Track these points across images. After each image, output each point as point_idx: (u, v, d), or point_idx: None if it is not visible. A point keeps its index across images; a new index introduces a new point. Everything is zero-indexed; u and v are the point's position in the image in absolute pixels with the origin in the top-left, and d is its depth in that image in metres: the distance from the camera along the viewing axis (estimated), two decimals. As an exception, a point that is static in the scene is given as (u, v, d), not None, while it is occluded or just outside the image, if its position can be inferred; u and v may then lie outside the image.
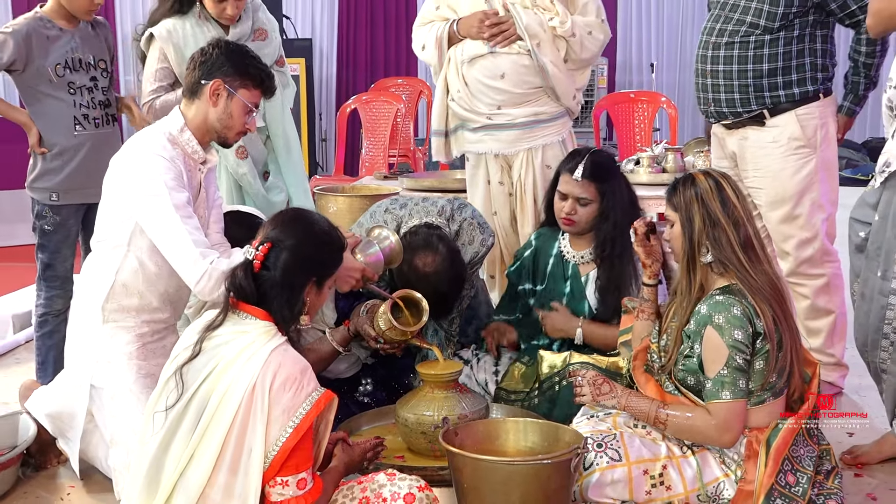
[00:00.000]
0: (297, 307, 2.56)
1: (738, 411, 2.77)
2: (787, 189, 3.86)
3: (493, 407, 3.40)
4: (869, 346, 3.28)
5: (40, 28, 3.85)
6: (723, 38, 3.89)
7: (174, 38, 3.92)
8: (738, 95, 3.88)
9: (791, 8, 3.72)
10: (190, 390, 2.43)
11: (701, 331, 2.80)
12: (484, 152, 4.23)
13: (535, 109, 4.16)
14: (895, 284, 3.13)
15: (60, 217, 3.91)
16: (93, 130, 3.95)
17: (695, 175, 2.92)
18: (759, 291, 2.78)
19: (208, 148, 3.20)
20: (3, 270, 6.73)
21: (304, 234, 2.59)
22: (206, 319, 2.56)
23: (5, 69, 3.84)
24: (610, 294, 3.55)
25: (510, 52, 4.06)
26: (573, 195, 3.54)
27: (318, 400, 2.44)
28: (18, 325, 5.05)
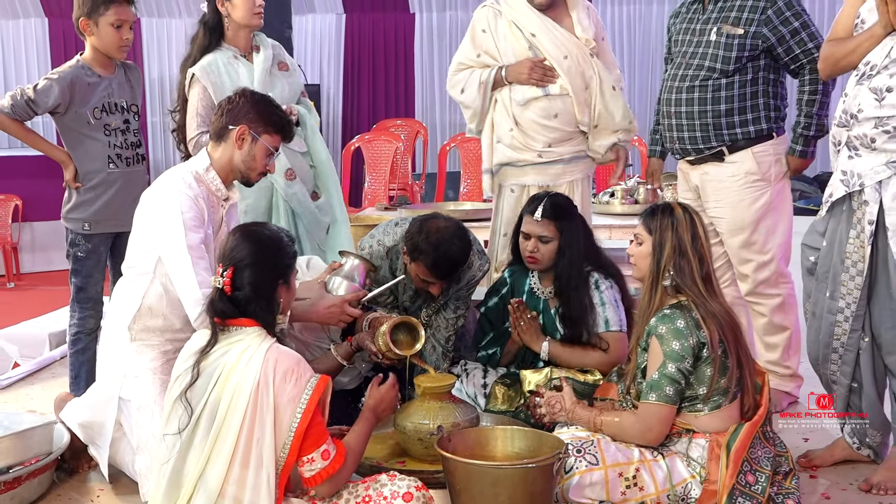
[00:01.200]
0: (275, 309, 2.62)
1: (662, 415, 2.80)
2: (744, 218, 3.88)
3: (483, 416, 3.40)
4: (820, 360, 3.28)
5: (82, 75, 3.87)
6: (685, 82, 3.91)
7: (211, 74, 3.91)
8: (699, 134, 3.90)
9: (744, 52, 3.76)
10: (200, 404, 2.47)
11: (648, 341, 2.84)
12: (530, 184, 4.15)
13: (577, 147, 4.15)
14: (842, 304, 3.14)
15: (92, 245, 3.91)
16: (124, 168, 3.96)
17: (673, 206, 2.96)
18: (710, 312, 2.82)
19: (231, 186, 3.22)
20: (40, 293, 6.73)
21: (258, 248, 2.62)
22: (198, 343, 2.59)
23: (49, 111, 3.87)
24: (570, 322, 3.56)
25: (562, 94, 4.05)
26: (535, 234, 3.55)
27: (317, 384, 2.51)
28: (54, 343, 5.04)
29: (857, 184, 3.04)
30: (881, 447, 3.31)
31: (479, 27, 4.22)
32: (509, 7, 4.13)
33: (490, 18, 4.18)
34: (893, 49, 2.96)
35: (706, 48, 3.85)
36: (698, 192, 4.05)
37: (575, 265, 3.54)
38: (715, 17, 3.85)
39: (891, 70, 2.96)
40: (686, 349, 2.76)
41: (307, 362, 2.75)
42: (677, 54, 4.00)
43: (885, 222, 2.99)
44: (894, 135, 2.95)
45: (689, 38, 3.95)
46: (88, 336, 3.90)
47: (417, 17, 9.67)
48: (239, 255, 2.60)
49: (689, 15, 4.02)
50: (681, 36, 4.01)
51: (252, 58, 4.03)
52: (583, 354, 3.52)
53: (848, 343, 3.16)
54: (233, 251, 2.62)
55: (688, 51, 3.93)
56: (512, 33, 4.12)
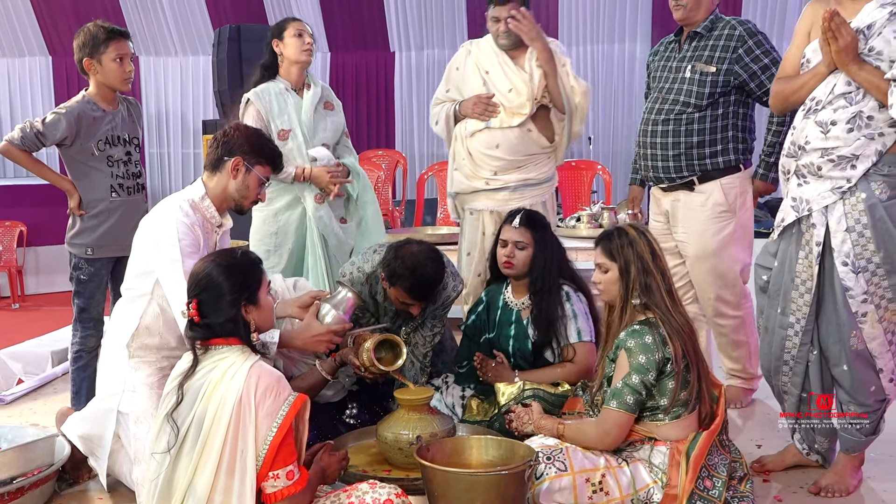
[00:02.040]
0: (245, 329, 2.59)
1: (620, 421, 2.80)
2: (709, 246, 3.91)
3: (459, 426, 3.38)
4: (772, 371, 3.29)
5: (88, 110, 3.86)
6: (661, 115, 3.95)
7: (263, 99, 4.14)
8: (672, 164, 3.94)
9: (716, 88, 3.80)
10: (187, 420, 2.45)
11: (617, 353, 2.84)
12: (482, 209, 4.24)
13: (524, 175, 4.19)
14: (792, 319, 3.15)
15: (94, 268, 3.89)
16: (126, 197, 3.94)
17: (626, 228, 2.96)
18: (675, 329, 2.83)
19: (224, 213, 3.22)
20: (43, 314, 6.68)
21: (215, 275, 2.58)
22: (183, 365, 2.59)
23: (56, 143, 3.86)
24: (542, 324, 3.55)
25: (502, 127, 4.12)
26: (512, 240, 3.58)
27: (294, 402, 2.47)
28: (56, 360, 5.00)
29: (806, 209, 3.06)
30: (829, 453, 3.32)
31: (454, 66, 4.36)
32: (478, 48, 4.27)
33: (462, 58, 4.33)
34: (836, 86, 2.99)
35: (681, 84, 3.90)
36: (668, 217, 4.08)
37: (548, 272, 3.56)
38: (690, 56, 3.91)
39: (835, 105, 2.99)
40: (651, 363, 2.77)
41: (294, 378, 2.75)
42: (655, 89, 4.05)
43: (831, 244, 3.02)
44: (839, 163, 2.98)
45: (665, 74, 4.00)
46: (89, 354, 3.87)
47: (397, 56, 9.69)
48: (200, 285, 2.58)
49: (666, 53, 4.08)
50: (659, 73, 4.06)
51: (302, 93, 4.22)
52: (552, 371, 3.52)
53: (798, 356, 3.18)
54: (193, 282, 2.61)
55: (664, 86, 3.98)
56: (473, 72, 4.24)
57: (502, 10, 4.10)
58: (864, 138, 2.94)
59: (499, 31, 4.15)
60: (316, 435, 3.22)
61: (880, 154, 2.95)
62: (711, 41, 3.87)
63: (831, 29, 2.91)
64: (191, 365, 2.54)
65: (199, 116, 9.89)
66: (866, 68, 2.92)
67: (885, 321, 3.01)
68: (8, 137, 3.86)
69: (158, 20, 9.65)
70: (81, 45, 3.86)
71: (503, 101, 4.13)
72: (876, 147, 2.94)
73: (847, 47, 2.91)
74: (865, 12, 2.96)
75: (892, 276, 2.96)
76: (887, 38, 2.90)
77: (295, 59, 4.16)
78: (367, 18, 9.59)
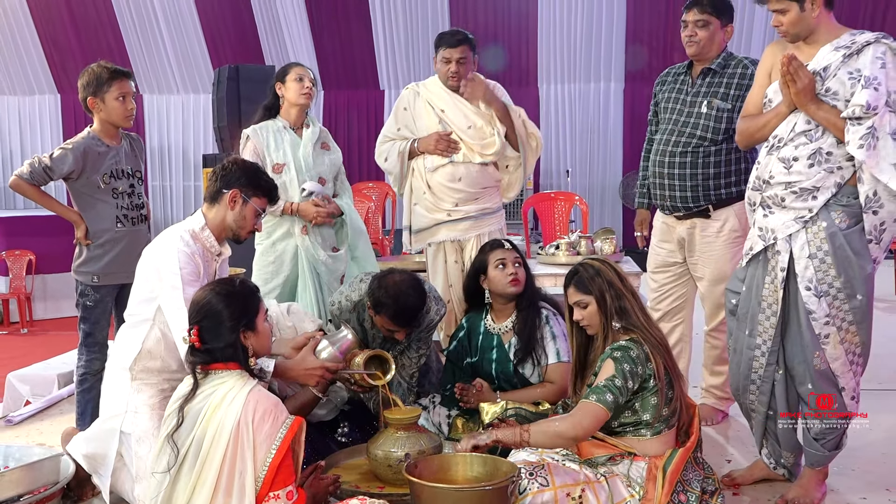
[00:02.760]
0: (243, 354, 2.58)
1: (596, 414, 2.75)
2: (726, 270, 3.87)
3: (445, 444, 3.36)
4: (741, 390, 3.29)
5: (93, 145, 3.85)
6: (678, 147, 3.93)
7: (259, 135, 4.19)
8: (689, 193, 3.92)
9: (731, 124, 3.77)
10: (187, 442, 2.43)
11: (602, 364, 2.83)
12: (443, 240, 4.28)
13: (483, 205, 4.27)
14: (759, 341, 3.16)
15: (100, 295, 3.86)
16: (130, 227, 3.93)
17: (590, 262, 2.99)
18: (655, 345, 2.83)
19: (223, 242, 3.21)
20: (50, 338, 6.62)
21: (215, 303, 2.59)
22: (183, 390, 2.57)
23: (63, 177, 3.84)
24: (525, 336, 3.55)
25: (465, 161, 4.21)
26: (510, 259, 3.59)
27: (291, 425, 2.47)
28: (62, 383, 4.94)
29: (772, 237, 3.08)
30: (794, 467, 3.32)
31: (402, 106, 4.44)
32: (426, 89, 4.37)
33: (410, 98, 4.41)
34: (797, 124, 3.02)
35: (697, 118, 3.89)
36: (681, 244, 4.06)
37: (534, 287, 3.65)
38: (704, 91, 3.90)
39: (796, 142, 3.01)
40: (634, 374, 2.76)
41: (288, 397, 2.73)
42: (668, 121, 4.01)
43: (795, 270, 3.03)
44: (801, 195, 3.00)
45: (679, 107, 3.98)
46: (94, 377, 3.83)
47: (386, 93, 9.74)
48: (200, 312, 2.58)
49: (677, 85, 4.05)
50: (671, 104, 4.03)
51: (301, 132, 4.26)
52: (533, 392, 3.51)
53: (764, 375, 3.18)
54: (192, 310, 2.60)
55: (679, 119, 3.96)
56: (426, 111, 4.32)
57: (454, 52, 4.22)
58: (824, 172, 2.97)
59: (449, 73, 4.25)
60: (310, 453, 3.19)
61: (839, 186, 2.97)
62: (726, 78, 3.87)
63: (790, 72, 2.95)
64: (191, 388, 2.52)
65: (199, 151, 9.91)
66: (824, 108, 2.95)
67: (846, 342, 3.02)
68: (18, 172, 3.84)
69: (162, 61, 9.68)
70: (86, 85, 3.86)
71: (464, 138, 4.23)
72: (835, 180, 2.97)
73: (805, 89, 2.94)
74: (821, 55, 3.00)
75: (851, 301, 2.97)
76: (842, 79, 2.93)
77: (294, 102, 4.22)
78: (359, 59, 9.65)
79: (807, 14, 2.99)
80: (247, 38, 9.48)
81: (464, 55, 4.22)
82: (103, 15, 9.28)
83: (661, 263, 4.17)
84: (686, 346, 4.18)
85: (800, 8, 2.98)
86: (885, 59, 2.91)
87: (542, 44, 9.21)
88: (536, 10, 9.10)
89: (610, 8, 9.06)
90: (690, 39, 3.90)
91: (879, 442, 3.81)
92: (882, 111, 2.86)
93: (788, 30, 3.04)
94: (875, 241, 2.96)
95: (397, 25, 9.24)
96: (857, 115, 2.86)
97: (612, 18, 9.10)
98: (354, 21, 9.29)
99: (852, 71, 2.92)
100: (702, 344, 4.20)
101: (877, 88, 2.86)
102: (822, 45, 3.01)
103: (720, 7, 3.87)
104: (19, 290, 7.22)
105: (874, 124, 2.85)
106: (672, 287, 4.14)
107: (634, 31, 9.17)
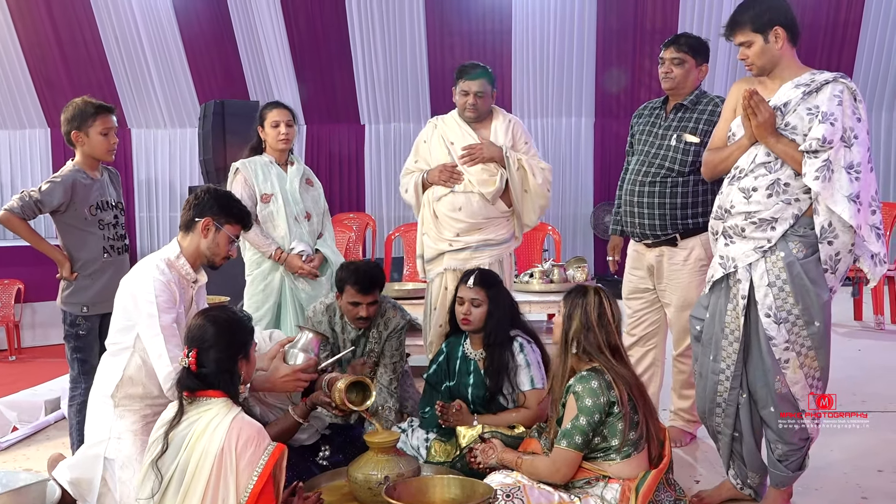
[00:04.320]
0: (237, 381, 2.60)
1: (569, 459, 2.80)
2: (692, 297, 3.87)
3: (424, 467, 3.35)
4: (707, 413, 3.30)
5: (80, 178, 3.82)
6: (647, 178, 3.96)
7: (248, 169, 4.28)
8: (657, 222, 3.95)
9: (699, 157, 3.76)
10: (171, 468, 2.41)
11: (566, 398, 2.84)
12: (445, 268, 4.23)
13: (486, 236, 4.21)
14: (723, 365, 3.18)
15: (91, 323, 3.82)
16: (116, 257, 3.91)
17: (587, 288, 2.99)
18: (620, 375, 2.83)
19: (199, 270, 3.19)
20: (38, 365, 6.54)
21: (218, 330, 2.59)
22: (169, 414, 2.55)
23: (52, 210, 3.80)
24: (494, 373, 3.54)
25: (466, 192, 4.17)
26: (468, 298, 3.58)
27: (273, 452, 2.46)
28: (49, 409, 4.88)
29: (732, 265, 3.10)
30: (760, 487, 3.32)
31: (422, 139, 4.41)
32: (443, 122, 4.33)
33: (429, 132, 4.38)
34: (757, 156, 3.06)
35: (666, 151, 3.93)
36: (651, 271, 4.08)
37: (501, 325, 3.57)
38: (675, 125, 3.94)
39: (756, 173, 3.05)
40: (598, 406, 2.76)
41: (269, 423, 2.71)
42: (640, 152, 4.05)
43: (755, 297, 3.05)
44: (760, 225, 3.03)
45: (651, 139, 4.01)
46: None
47: (367, 128, 9.76)
48: (201, 337, 2.57)
49: (651, 119, 4.08)
50: (644, 136, 4.07)
51: (286, 168, 4.35)
52: (509, 416, 3.51)
53: (729, 399, 3.19)
54: (196, 333, 2.59)
55: (650, 150, 3.99)
56: (439, 144, 4.29)
57: (472, 85, 4.17)
58: (782, 203, 3.01)
59: (466, 104, 4.20)
60: (291, 476, 3.16)
61: (797, 217, 3.01)
62: (696, 114, 3.91)
63: (751, 106, 2.99)
64: (176, 414, 2.50)
65: (185, 183, 9.87)
66: (783, 141, 2.99)
67: (806, 367, 3.04)
68: (7, 207, 3.78)
69: (149, 96, 9.66)
70: (70, 119, 3.83)
71: (468, 170, 4.17)
72: (793, 211, 3.00)
73: (765, 123, 2.99)
74: (782, 91, 3.05)
75: (810, 327, 3.00)
76: (801, 114, 2.98)
77: (273, 147, 4.32)
78: (340, 94, 9.68)
79: (771, 46, 3.04)
80: (232, 74, 9.49)
81: (482, 88, 4.17)
82: (93, 51, 9.27)
83: (633, 290, 4.19)
84: (658, 370, 4.19)
85: (764, 40, 3.04)
86: (842, 97, 2.96)
87: (515, 80, 9.29)
88: (510, 48, 9.19)
89: (580, 47, 9.16)
90: (666, 75, 3.95)
91: (840, 462, 3.84)
92: (837, 145, 2.90)
93: (754, 62, 3.09)
94: (831, 270, 2.99)
95: (377, 62, 9.28)
96: (813, 148, 2.91)
97: (583, 57, 9.19)
98: (336, 58, 9.32)
99: (811, 107, 2.97)
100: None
101: (833, 124, 2.91)
102: (785, 81, 3.07)
103: (696, 47, 3.93)
104: (8, 318, 7.14)
105: (830, 157, 2.89)
106: (645, 313, 4.16)
107: (604, 69, 9.28)
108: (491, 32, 9.28)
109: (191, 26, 9.32)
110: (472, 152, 4.19)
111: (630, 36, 9.21)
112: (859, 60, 9.08)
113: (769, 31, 3.03)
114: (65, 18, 9.28)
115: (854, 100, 2.98)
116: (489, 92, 4.20)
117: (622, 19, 9.17)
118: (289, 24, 9.21)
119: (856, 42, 9.01)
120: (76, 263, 3.84)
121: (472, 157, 4.19)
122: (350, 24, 9.19)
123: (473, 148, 4.19)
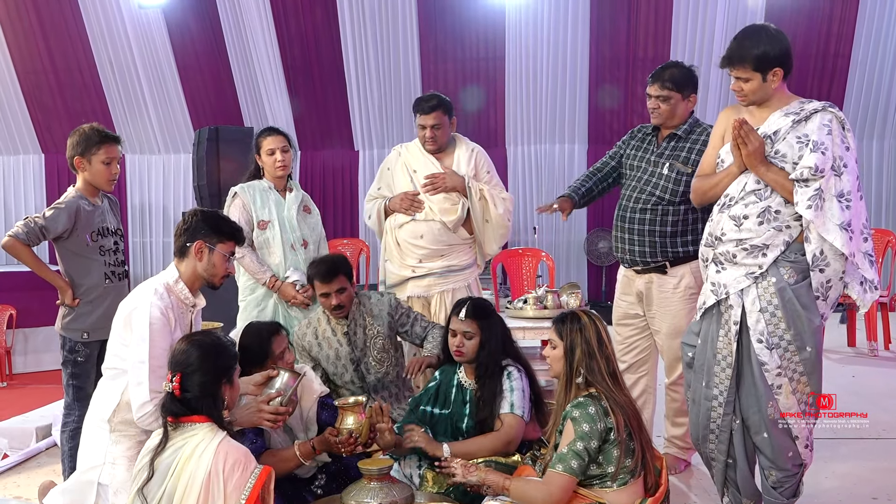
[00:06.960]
0: (221, 406, 2.59)
1: (563, 484, 2.74)
2: (681, 325, 3.89)
3: (417, 494, 3.33)
4: (700, 440, 3.31)
5: (83, 204, 3.84)
6: (638, 204, 3.99)
7: (245, 194, 4.28)
8: (648, 248, 3.97)
9: (689, 187, 3.70)
10: (158, 494, 2.41)
11: (564, 423, 2.82)
12: (410, 296, 4.30)
13: (449, 262, 4.28)
14: (715, 392, 3.19)
15: (90, 350, 3.82)
16: (116, 283, 3.91)
17: (579, 314, 2.93)
18: (618, 402, 2.80)
19: (196, 293, 3.19)
20: (30, 391, 6.50)
21: (202, 354, 2.59)
22: (153, 443, 2.56)
23: (55, 237, 3.80)
24: (485, 403, 3.50)
25: (426, 220, 4.26)
26: (460, 331, 3.52)
27: (260, 474, 2.47)
28: (40, 436, 4.85)
29: (724, 292, 3.13)
30: (754, 513, 3.32)
31: (386, 166, 4.55)
32: (406, 150, 4.46)
33: (393, 160, 4.51)
34: (747, 184, 3.10)
35: (658, 179, 3.94)
36: (640, 297, 4.09)
37: (493, 356, 3.51)
38: (668, 154, 3.95)
39: (746, 201, 3.09)
40: (594, 432, 2.74)
41: (270, 450, 2.70)
42: (632, 178, 4.07)
43: (747, 323, 3.07)
44: (751, 252, 3.06)
45: (644, 165, 4.03)
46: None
47: (360, 154, 9.80)
48: (185, 361, 2.57)
49: (643, 144, 4.09)
50: (636, 162, 4.07)
51: (285, 194, 4.35)
52: (480, 441, 3.37)
53: (722, 425, 3.20)
54: (180, 358, 2.59)
55: (642, 177, 4.01)
56: (402, 171, 4.41)
57: (427, 119, 4.31)
58: (773, 230, 3.04)
59: (425, 137, 4.33)
60: (283, 503, 3.16)
61: (787, 243, 3.04)
62: (689, 143, 3.92)
63: (741, 136, 3.03)
64: (161, 441, 2.49)
65: (179, 208, 9.88)
66: (773, 169, 3.03)
67: (798, 392, 3.06)
68: (12, 232, 3.77)
69: (144, 122, 9.70)
70: (75, 144, 3.85)
71: (429, 198, 4.27)
72: (784, 237, 3.04)
73: (755, 152, 3.03)
74: (772, 120, 3.09)
75: (801, 352, 3.02)
76: (791, 143, 3.02)
77: (271, 174, 4.34)
78: (334, 120, 9.73)
79: (767, 84, 3.09)
80: (226, 100, 9.54)
81: (437, 121, 4.28)
82: (88, 78, 9.32)
83: (623, 315, 4.21)
84: (650, 397, 4.20)
85: (762, 79, 3.08)
86: (830, 126, 3.00)
87: (509, 107, 9.35)
88: (504, 75, 9.26)
89: (574, 74, 9.23)
90: (654, 111, 3.97)
91: (834, 490, 3.84)
92: (828, 175, 2.94)
93: (748, 96, 3.13)
94: (822, 297, 3.02)
95: (371, 88, 9.34)
96: (804, 176, 2.94)
97: (576, 84, 9.27)
98: (330, 84, 9.38)
99: (801, 136, 3.01)
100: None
101: (824, 153, 2.95)
102: (774, 110, 3.11)
103: (680, 82, 3.92)
104: (0, 344, 7.12)
105: (821, 186, 2.93)
106: (636, 340, 4.17)
107: (596, 96, 9.35)
108: (485, 59, 9.36)
109: (185, 53, 9.39)
110: (434, 181, 4.29)
111: (622, 63, 9.31)
112: (849, 90, 9.18)
113: (769, 72, 3.07)
114: (59, 44, 9.33)
115: (842, 129, 3.02)
116: (446, 123, 4.33)
117: (614, 47, 9.26)
118: (283, 51, 9.28)
119: (846, 72, 9.12)
120: (78, 289, 3.83)
121: (434, 186, 4.28)
122: (345, 51, 9.27)
123: (436, 177, 4.30)
